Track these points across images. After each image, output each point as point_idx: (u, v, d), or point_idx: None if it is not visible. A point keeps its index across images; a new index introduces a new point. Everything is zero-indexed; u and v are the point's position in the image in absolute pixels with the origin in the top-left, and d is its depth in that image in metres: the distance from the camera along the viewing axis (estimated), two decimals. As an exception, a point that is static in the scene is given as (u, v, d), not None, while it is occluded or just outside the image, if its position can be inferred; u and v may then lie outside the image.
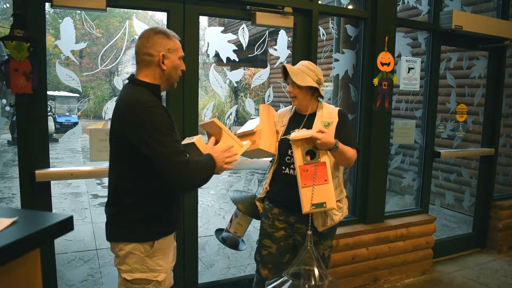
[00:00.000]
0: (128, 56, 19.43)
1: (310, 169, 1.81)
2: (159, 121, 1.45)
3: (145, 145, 1.44)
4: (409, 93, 3.54)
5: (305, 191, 1.81)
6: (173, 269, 2.54)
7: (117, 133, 1.52)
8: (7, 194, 6.01)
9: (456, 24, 3.17)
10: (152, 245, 1.56)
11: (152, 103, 1.47)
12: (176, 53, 1.59)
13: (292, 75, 1.96)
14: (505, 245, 3.84)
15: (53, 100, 13.85)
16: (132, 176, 1.53)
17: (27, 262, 0.95)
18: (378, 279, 3.13)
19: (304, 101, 2.03)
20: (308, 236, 1.78)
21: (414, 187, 3.56)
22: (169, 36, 1.58)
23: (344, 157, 1.91)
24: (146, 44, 1.55)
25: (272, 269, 2.13)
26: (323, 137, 1.78)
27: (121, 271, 1.58)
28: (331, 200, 1.81)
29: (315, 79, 1.99)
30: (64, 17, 4.98)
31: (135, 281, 1.55)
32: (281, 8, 2.61)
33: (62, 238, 1.07)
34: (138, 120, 1.44)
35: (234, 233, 2.17)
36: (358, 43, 3.07)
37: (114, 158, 1.59)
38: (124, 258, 1.55)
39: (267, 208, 2.14)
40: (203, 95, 14.14)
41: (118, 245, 1.57)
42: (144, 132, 1.43)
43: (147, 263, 1.56)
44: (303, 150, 1.83)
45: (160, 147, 1.43)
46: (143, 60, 1.56)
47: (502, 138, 4.09)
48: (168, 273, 1.65)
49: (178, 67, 1.61)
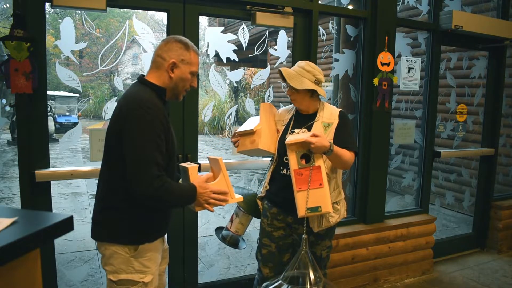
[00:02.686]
0: (128, 56, 19.43)
1: (305, 173, 1.80)
2: (150, 123, 1.42)
3: (126, 141, 1.43)
4: (409, 93, 3.54)
5: (300, 195, 1.80)
6: (173, 269, 2.54)
7: (112, 129, 1.51)
8: (7, 194, 6.01)
9: (456, 24, 3.17)
10: (137, 248, 1.52)
11: (152, 104, 1.45)
12: (189, 66, 1.56)
13: (288, 79, 1.95)
14: (505, 245, 3.84)
15: (53, 100, 13.84)
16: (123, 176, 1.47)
17: (27, 262, 0.95)
18: (378, 279, 3.13)
19: (303, 102, 2.04)
20: (303, 240, 1.77)
21: (414, 187, 3.56)
22: (188, 48, 1.56)
23: (340, 160, 1.90)
24: (164, 47, 1.56)
25: (273, 268, 2.13)
26: (317, 141, 1.76)
27: (106, 272, 1.55)
28: (326, 204, 1.80)
29: (312, 80, 1.96)
30: (64, 17, 4.98)
31: (121, 282, 1.52)
32: (281, 8, 2.61)
33: (62, 238, 1.07)
34: (131, 116, 1.43)
35: (236, 232, 2.17)
36: (358, 43, 3.07)
37: (107, 154, 1.56)
38: (108, 258, 1.52)
39: (266, 208, 2.15)
40: (203, 95, 14.13)
41: (103, 244, 1.54)
42: (131, 129, 1.42)
43: (133, 264, 1.52)
44: (297, 154, 1.82)
45: (136, 149, 1.41)
46: (155, 61, 1.57)
47: (502, 138, 4.09)
48: (156, 275, 1.61)
49: (187, 80, 1.58)
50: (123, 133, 1.44)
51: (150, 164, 1.41)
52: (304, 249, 1.75)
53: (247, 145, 2.05)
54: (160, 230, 1.64)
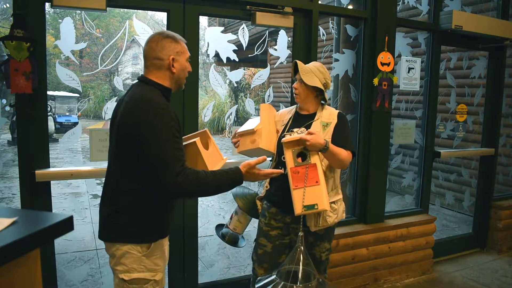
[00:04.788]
0: (128, 56, 19.43)
1: (301, 171, 1.82)
2: (167, 124, 1.46)
3: (146, 146, 1.45)
4: (409, 93, 3.54)
5: (296, 193, 1.81)
6: (173, 269, 2.55)
7: (124, 130, 1.51)
8: (7, 194, 6.01)
9: (456, 24, 3.17)
10: (149, 246, 1.56)
11: (165, 105, 1.49)
12: (184, 55, 1.62)
13: (302, 72, 2.00)
14: (505, 245, 3.84)
15: (53, 100, 13.84)
16: (134, 176, 1.52)
17: (27, 262, 0.95)
18: (378, 279, 3.13)
19: (306, 100, 2.06)
20: (299, 237, 1.79)
21: (414, 187, 3.56)
22: (177, 40, 1.61)
23: (336, 158, 1.91)
24: (156, 48, 1.57)
25: (268, 269, 2.13)
26: (312, 138, 1.79)
27: (117, 271, 1.56)
28: (323, 201, 1.80)
29: (322, 81, 2.02)
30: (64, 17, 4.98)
31: (133, 281, 1.55)
32: (281, 8, 2.61)
33: (62, 238, 1.07)
34: (147, 119, 1.44)
35: (234, 230, 2.20)
36: (358, 43, 3.07)
37: (117, 156, 1.57)
38: (120, 258, 1.54)
39: (265, 207, 2.16)
40: (203, 95, 14.14)
41: (115, 245, 1.56)
42: (149, 133, 1.44)
43: (145, 262, 1.55)
44: (293, 152, 1.84)
45: (160, 151, 1.44)
46: (154, 64, 1.58)
47: (502, 138, 4.09)
48: (164, 273, 1.66)
49: (185, 68, 1.65)
50: (141, 136, 1.46)
51: (172, 163, 1.45)
52: (299, 245, 1.77)
53: (247, 144, 2.07)
54: (170, 225, 1.69)
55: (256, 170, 1.64)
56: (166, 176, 1.44)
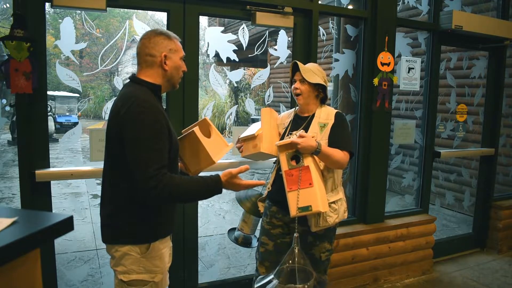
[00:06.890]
0: (128, 56, 19.45)
1: (295, 173, 1.85)
2: (149, 123, 1.43)
3: (127, 142, 1.43)
4: (409, 93, 3.54)
5: (291, 195, 1.84)
6: (173, 269, 2.55)
7: (113, 129, 1.51)
8: (7, 194, 6.01)
9: (456, 24, 3.17)
10: (148, 247, 1.54)
11: (150, 103, 1.46)
12: (177, 53, 1.60)
13: (302, 71, 2.04)
14: (505, 245, 3.84)
15: (53, 100, 13.84)
16: (126, 175, 1.48)
17: (27, 262, 0.95)
18: (378, 279, 3.13)
19: (308, 99, 2.08)
20: (295, 238, 1.81)
21: (414, 187, 3.56)
22: (170, 37, 1.59)
23: (330, 160, 1.92)
24: (148, 45, 1.55)
25: (270, 268, 2.14)
26: (303, 141, 1.81)
27: (117, 272, 1.56)
28: (317, 203, 1.81)
29: (322, 80, 2.08)
30: (64, 17, 4.98)
31: (132, 283, 1.54)
32: (281, 8, 2.61)
33: (62, 238, 1.07)
34: (130, 116, 1.43)
35: (241, 230, 2.25)
36: (358, 43, 3.07)
37: (109, 155, 1.56)
38: (120, 259, 1.54)
39: (267, 206, 2.20)
40: (203, 95, 14.14)
41: (114, 246, 1.55)
42: (132, 129, 1.42)
43: (144, 264, 1.54)
44: (287, 155, 1.87)
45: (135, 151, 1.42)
46: (146, 61, 1.57)
47: (502, 138, 4.09)
48: (164, 274, 1.64)
49: (179, 67, 1.62)
50: (123, 133, 1.45)
51: (145, 165, 1.40)
52: (295, 246, 1.78)
53: (250, 149, 2.12)
54: (171, 225, 1.67)
55: (237, 180, 1.59)
56: (138, 179, 1.40)
